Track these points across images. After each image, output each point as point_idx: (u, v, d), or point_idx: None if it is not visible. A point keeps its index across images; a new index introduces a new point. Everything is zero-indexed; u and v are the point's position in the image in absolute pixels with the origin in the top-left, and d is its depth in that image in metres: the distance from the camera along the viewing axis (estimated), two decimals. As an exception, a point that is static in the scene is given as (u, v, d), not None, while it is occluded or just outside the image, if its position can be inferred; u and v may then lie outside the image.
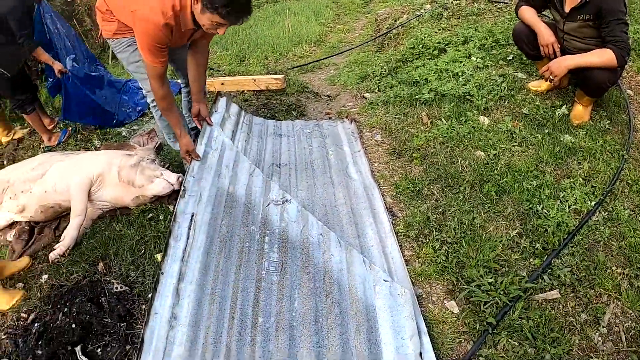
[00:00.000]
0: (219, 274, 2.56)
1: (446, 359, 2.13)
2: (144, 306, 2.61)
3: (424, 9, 6.59)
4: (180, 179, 3.33)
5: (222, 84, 5.31)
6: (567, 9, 3.32)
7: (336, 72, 5.98)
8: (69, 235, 3.01)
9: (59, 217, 3.35)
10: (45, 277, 2.83)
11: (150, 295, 2.62)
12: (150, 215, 3.26)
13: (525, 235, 2.66)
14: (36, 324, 2.52)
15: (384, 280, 2.41)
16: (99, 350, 2.38)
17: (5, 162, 4.56)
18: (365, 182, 3.29)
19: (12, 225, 3.34)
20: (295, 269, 2.56)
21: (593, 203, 2.82)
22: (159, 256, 2.88)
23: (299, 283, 2.48)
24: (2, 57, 3.97)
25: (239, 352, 2.16)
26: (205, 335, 2.25)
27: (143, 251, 2.96)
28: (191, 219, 2.82)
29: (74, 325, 2.42)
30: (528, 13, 3.57)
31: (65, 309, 2.53)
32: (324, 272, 2.53)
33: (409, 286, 2.44)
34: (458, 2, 6.21)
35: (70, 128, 4.86)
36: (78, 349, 2.35)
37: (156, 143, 3.64)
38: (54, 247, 2.99)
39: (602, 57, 3.15)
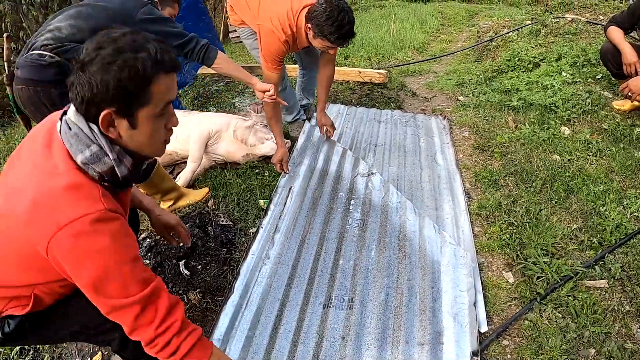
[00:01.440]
0: (308, 227, 2.90)
1: (496, 316, 2.33)
2: (243, 239, 2.94)
3: (524, 24, 6.64)
4: (287, 144, 3.65)
5: (330, 71, 5.55)
6: None
7: (435, 79, 6.11)
8: (184, 177, 3.36)
9: (174, 164, 3.74)
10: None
11: (250, 231, 2.97)
12: (257, 170, 3.61)
13: (585, 230, 2.78)
14: (147, 240, 2.85)
15: (450, 243, 2.67)
16: (199, 267, 2.69)
17: None
18: (449, 168, 3.51)
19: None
20: (375, 226, 2.87)
21: (655, 214, 2.87)
22: (262, 202, 3.22)
23: (377, 237, 2.78)
24: None
25: (319, 286, 2.48)
26: (292, 271, 2.58)
27: (248, 197, 3.30)
28: (289, 191, 3.21)
29: (181, 244, 2.72)
30: (615, 33, 3.63)
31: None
32: (399, 231, 2.82)
33: (473, 253, 2.67)
34: (557, 20, 6.20)
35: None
36: (182, 263, 2.66)
37: (269, 113, 3.98)
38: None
39: None
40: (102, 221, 1.27)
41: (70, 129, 1.32)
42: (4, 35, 2.91)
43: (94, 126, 1.32)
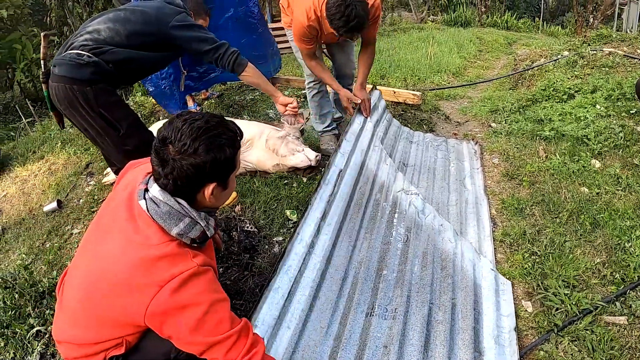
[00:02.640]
0: (354, 228, 2.86)
1: (513, 344, 2.33)
2: (267, 246, 2.97)
3: (562, 55, 6.57)
4: (317, 157, 3.67)
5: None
6: None
7: (469, 104, 6.09)
8: None
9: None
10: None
11: (274, 239, 2.99)
12: (286, 181, 3.66)
13: (608, 265, 2.73)
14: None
15: (491, 269, 2.66)
16: (220, 270, 2.71)
17: (152, 120, 5.25)
18: (477, 193, 3.49)
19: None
20: (418, 243, 2.83)
21: (681, 253, 2.80)
22: (288, 212, 3.25)
23: (420, 254, 2.75)
24: None
25: (362, 293, 2.44)
26: (335, 270, 2.53)
27: (275, 206, 3.33)
28: (339, 173, 3.12)
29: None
30: None
31: (200, 233, 2.91)
32: (442, 251, 2.79)
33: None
34: (595, 52, 6.13)
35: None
36: (203, 265, 2.71)
37: (302, 125, 4.01)
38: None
39: None
40: (197, 275, 1.49)
41: (158, 206, 1.53)
42: (42, 34, 3.02)
43: (182, 201, 1.55)
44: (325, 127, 4.28)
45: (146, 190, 1.57)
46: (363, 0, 3.07)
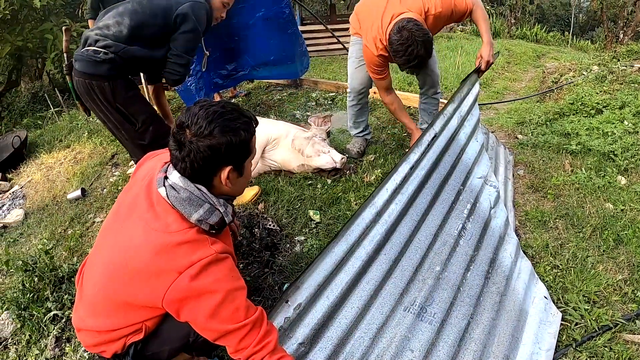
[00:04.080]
0: (424, 204, 2.70)
1: (530, 356, 2.32)
2: (288, 245, 3.00)
3: (591, 70, 6.51)
4: (343, 159, 3.68)
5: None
6: None
7: (495, 115, 6.05)
8: None
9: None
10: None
11: (296, 238, 3.00)
12: (310, 182, 3.67)
13: (630, 282, 2.71)
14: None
15: (544, 297, 2.56)
16: (241, 265, 2.74)
17: (178, 115, 5.28)
18: (507, 203, 3.42)
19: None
20: (480, 246, 2.73)
21: None
22: (311, 212, 3.26)
23: (478, 259, 2.65)
24: None
25: (409, 282, 2.35)
26: (391, 247, 2.40)
27: (298, 205, 3.36)
28: (434, 137, 2.99)
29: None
30: None
31: (222, 228, 2.92)
32: (499, 264, 2.67)
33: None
34: (624, 68, 6.07)
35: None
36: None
37: (328, 127, 4.01)
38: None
39: None
40: (215, 262, 1.53)
41: (178, 192, 1.56)
42: (63, 28, 3.10)
43: (202, 187, 1.59)
44: (358, 133, 4.30)
45: (165, 178, 1.61)
46: (427, 37, 3.02)
